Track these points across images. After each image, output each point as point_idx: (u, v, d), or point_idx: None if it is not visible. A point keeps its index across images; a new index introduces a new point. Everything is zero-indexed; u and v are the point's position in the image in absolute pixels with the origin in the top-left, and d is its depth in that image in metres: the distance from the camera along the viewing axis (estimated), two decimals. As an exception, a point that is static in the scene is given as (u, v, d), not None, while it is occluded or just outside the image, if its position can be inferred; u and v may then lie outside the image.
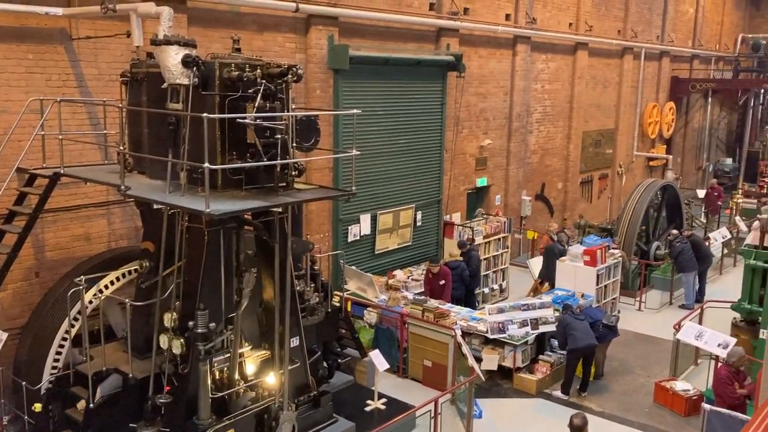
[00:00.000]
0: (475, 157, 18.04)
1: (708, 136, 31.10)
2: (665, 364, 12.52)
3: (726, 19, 31.37)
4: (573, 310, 11.67)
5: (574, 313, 11.54)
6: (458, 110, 16.74)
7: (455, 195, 17.38)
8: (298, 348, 9.03)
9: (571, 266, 14.45)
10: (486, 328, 11.99)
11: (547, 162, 21.08)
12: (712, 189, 24.68)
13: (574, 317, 11.43)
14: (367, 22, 14.32)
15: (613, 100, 23.91)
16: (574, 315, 11.50)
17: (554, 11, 20.13)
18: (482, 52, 17.67)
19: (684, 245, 16.39)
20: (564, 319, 11.50)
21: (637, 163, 25.90)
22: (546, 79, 20.33)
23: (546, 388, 11.76)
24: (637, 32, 24.09)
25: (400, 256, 15.59)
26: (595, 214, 23.53)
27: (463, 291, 14.20)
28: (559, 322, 11.65)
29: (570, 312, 11.58)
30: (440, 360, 11.49)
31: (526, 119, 19.55)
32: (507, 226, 16.91)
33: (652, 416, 10.98)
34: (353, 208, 14.16)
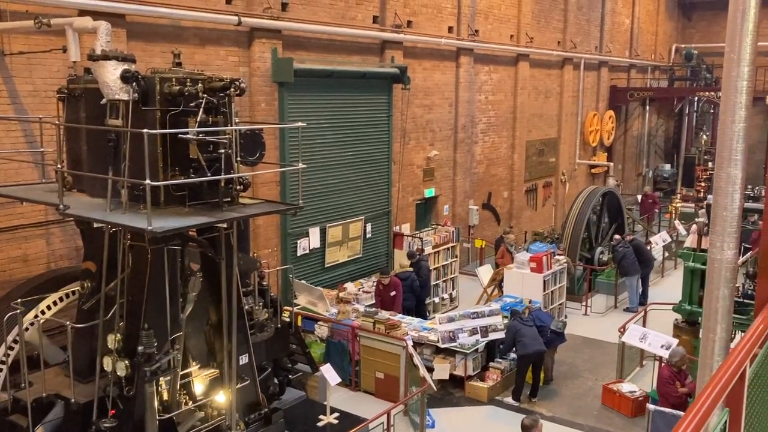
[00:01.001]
0: (423, 168, 18.19)
1: (647, 143, 32.08)
2: (612, 367, 12.80)
3: (660, 30, 32.51)
4: (521, 315, 11.84)
5: (522, 319, 11.70)
6: (405, 122, 16.87)
7: (404, 206, 17.48)
8: (248, 365, 8.90)
9: (518, 273, 14.67)
10: (437, 337, 12.06)
11: (493, 171, 21.40)
12: (646, 196, 25.45)
13: (522, 323, 11.60)
14: (311, 35, 14.34)
15: (554, 109, 24.47)
16: (523, 321, 11.66)
17: (496, 23, 20.52)
18: (426, 65, 17.88)
19: (627, 250, 16.82)
20: (513, 325, 11.66)
21: (580, 170, 26.53)
22: (489, 90, 20.68)
23: (497, 395, 11.88)
24: (576, 43, 24.75)
25: (350, 269, 15.56)
26: (541, 221, 23.98)
27: (413, 301, 14.26)
28: (509, 329, 11.80)
29: (519, 318, 11.74)
30: (392, 371, 11.49)
31: (471, 130, 19.83)
32: (455, 235, 17.09)
33: (600, 418, 11.20)
34: (302, 222, 14.09)
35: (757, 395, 2.41)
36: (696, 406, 1.70)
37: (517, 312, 12.04)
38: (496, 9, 20.47)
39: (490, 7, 20.17)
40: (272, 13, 13.27)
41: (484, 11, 19.92)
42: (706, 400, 1.72)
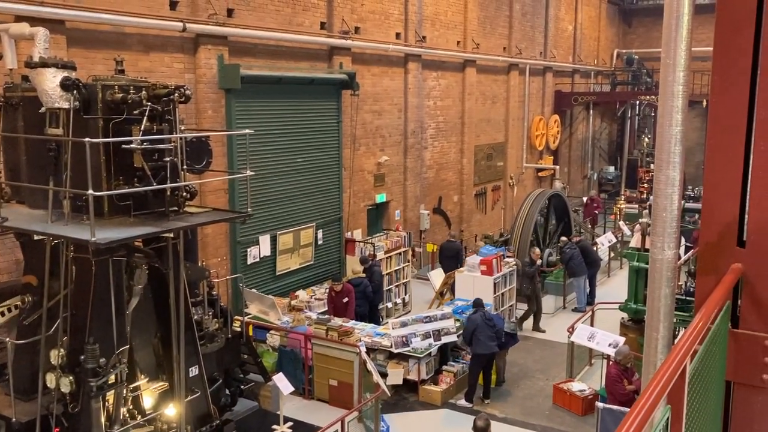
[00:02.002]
0: (374, 173, 18.23)
1: (591, 146, 32.86)
2: (562, 367, 13.02)
3: (602, 36, 33.38)
4: (485, 311, 11.92)
5: (485, 316, 11.77)
6: (354, 128, 16.88)
7: (355, 212, 17.47)
8: (198, 377, 8.74)
9: (469, 276, 14.81)
10: (390, 342, 12.06)
11: (443, 176, 21.59)
12: (591, 200, 26.03)
13: (485, 321, 11.66)
14: (258, 41, 14.22)
15: (501, 114, 24.85)
16: (486, 318, 11.73)
17: (442, 30, 20.73)
18: (375, 70, 17.93)
19: (574, 251, 17.16)
20: (476, 319, 11.68)
21: (527, 174, 26.99)
22: (438, 96, 20.87)
23: (451, 398, 11.96)
24: (521, 49, 25.20)
25: (302, 276, 15.46)
26: (490, 224, 24.29)
27: (366, 307, 14.24)
28: (471, 321, 11.82)
29: (482, 313, 11.79)
30: (346, 378, 11.44)
31: (420, 135, 19.97)
32: (407, 240, 17.16)
33: (552, 418, 11.37)
34: (251, 230, 13.93)
35: (698, 391, 2.48)
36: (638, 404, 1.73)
37: (481, 303, 12.12)
38: (443, 15, 20.69)
39: (436, 13, 20.37)
40: (218, 20, 13.12)
41: (431, 18, 20.11)
42: (648, 398, 1.76)
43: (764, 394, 3.06)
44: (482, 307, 11.96)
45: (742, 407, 3.11)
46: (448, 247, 17.63)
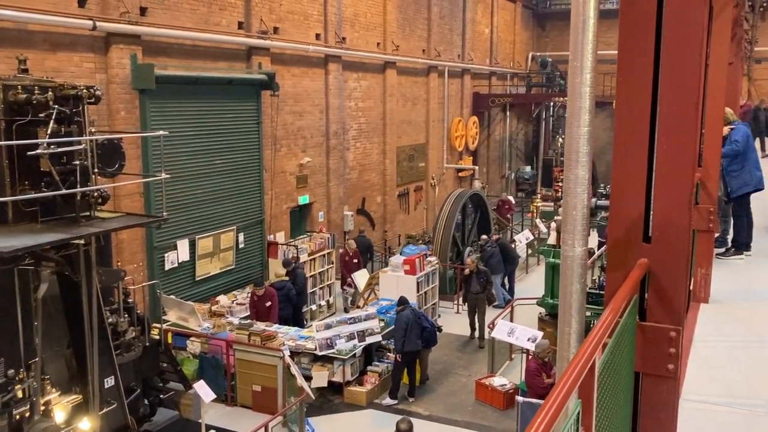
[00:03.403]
0: (296, 175, 18.07)
1: (509, 146, 33.68)
2: (484, 363, 13.27)
3: (517, 39, 34.28)
4: (414, 308, 11.98)
5: (415, 312, 11.84)
6: (275, 129, 16.68)
7: (278, 214, 17.26)
8: (114, 388, 8.41)
9: (393, 276, 14.90)
10: (314, 345, 11.99)
11: (366, 177, 21.64)
12: (503, 202, 26.68)
13: (415, 318, 11.74)
14: (173, 41, 13.84)
15: (422, 116, 25.13)
16: (416, 315, 11.80)
17: (362, 31, 20.78)
18: (295, 71, 17.79)
19: (494, 249, 17.52)
20: (409, 316, 11.73)
21: (448, 174, 27.40)
22: (359, 97, 20.90)
23: (376, 399, 11.99)
24: (440, 51, 25.57)
25: (223, 281, 15.14)
26: (414, 224, 24.54)
27: (290, 311, 14.09)
28: (402, 318, 11.84)
29: (411, 311, 11.85)
30: (269, 383, 11.29)
31: (343, 136, 19.94)
32: (331, 241, 17.09)
33: (474, 413, 11.57)
34: (169, 234, 13.54)
35: (608, 383, 2.56)
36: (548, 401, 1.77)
37: (406, 300, 12.18)
38: (362, 17, 20.74)
39: (356, 15, 20.40)
40: (130, 18, 12.69)
41: (351, 19, 20.12)
42: (558, 394, 1.80)
43: (669, 383, 3.20)
44: (408, 304, 12.04)
45: (650, 396, 3.25)
46: (360, 242, 17.70)
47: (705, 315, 6.31)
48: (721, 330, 6.12)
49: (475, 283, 15.05)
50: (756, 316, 6.52)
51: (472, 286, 15.12)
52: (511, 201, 26.82)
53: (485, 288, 15.06)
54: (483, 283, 15.01)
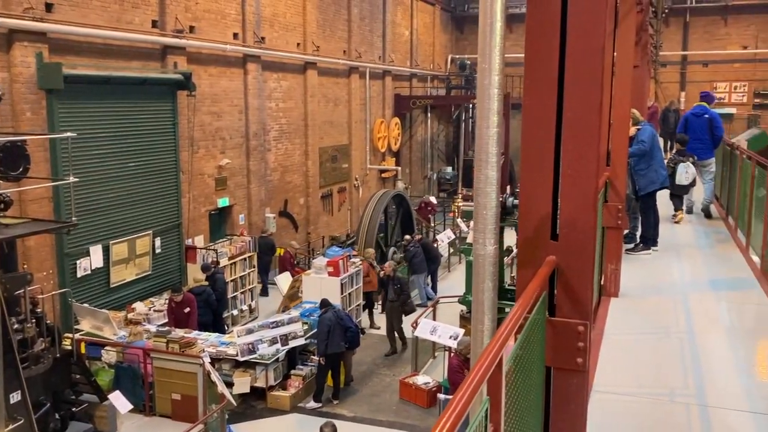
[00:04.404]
0: (215, 177, 17.69)
1: (430, 147, 34.10)
2: (408, 361, 13.37)
3: (437, 41, 34.76)
4: (336, 310, 11.90)
5: (337, 314, 11.77)
6: (192, 130, 16.28)
7: (196, 217, 16.86)
8: (21, 403, 8.00)
9: (316, 278, 14.82)
10: (236, 351, 11.77)
11: (288, 179, 21.42)
12: (425, 204, 27.03)
13: (337, 320, 11.66)
14: (83, 39, 13.30)
15: (344, 117, 25.11)
16: (338, 317, 11.73)
17: (282, 31, 20.58)
18: (213, 71, 17.42)
19: (416, 249, 17.71)
20: (331, 318, 11.65)
21: (371, 175, 27.49)
22: (280, 98, 20.68)
23: (300, 402, 11.88)
24: (361, 53, 25.62)
25: (139, 287, 14.64)
26: (337, 225, 24.48)
27: (210, 316, 13.79)
28: (324, 321, 11.75)
29: (333, 312, 11.77)
30: (189, 391, 10.99)
31: (263, 137, 19.67)
32: (252, 245, 16.83)
33: (398, 412, 11.64)
34: (81, 240, 12.99)
35: (518, 380, 2.61)
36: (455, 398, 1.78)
37: (328, 302, 12.10)
38: (282, 17, 20.54)
39: (275, 15, 20.17)
40: (35, 14, 12.09)
41: (270, 19, 19.89)
42: (465, 391, 1.81)
43: (579, 376, 3.30)
44: (331, 306, 11.99)
45: (560, 390, 3.34)
46: (263, 243, 17.55)
47: (615, 309, 6.57)
48: (630, 323, 6.38)
49: (391, 290, 14.61)
50: (662, 308, 6.84)
51: (389, 293, 14.68)
52: (433, 202, 27.16)
53: (399, 296, 14.46)
54: (397, 291, 14.47)
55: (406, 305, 14.45)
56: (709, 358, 5.50)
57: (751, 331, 6.47)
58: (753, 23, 33.51)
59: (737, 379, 5.11)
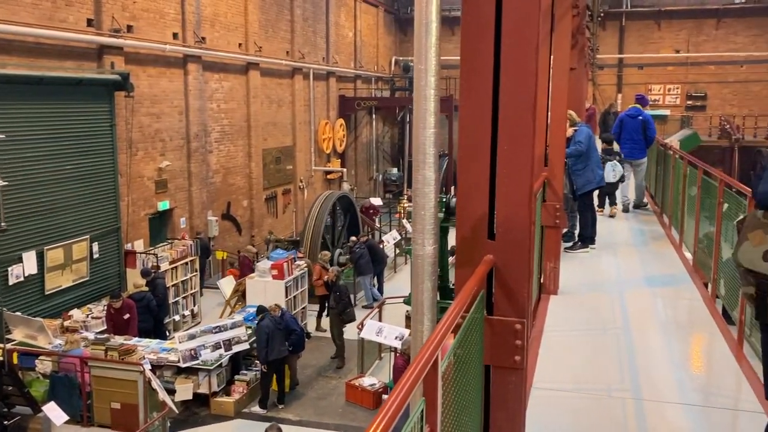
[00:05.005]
0: (154, 179, 17.31)
1: (375, 149, 34.18)
2: (354, 363, 13.34)
3: (380, 43, 34.86)
4: (273, 315, 11.75)
5: (275, 320, 11.62)
6: (131, 131, 15.88)
7: (136, 221, 16.45)
8: (-53, 418, 7.64)
9: (261, 282, 14.65)
10: (178, 357, 11.53)
11: (231, 181, 21.12)
12: (368, 207, 27.07)
13: (275, 326, 11.52)
14: (13, 37, 12.83)
15: (288, 118, 24.92)
16: (276, 323, 11.59)
17: (223, 31, 20.28)
18: (152, 71, 17.04)
19: (362, 250, 17.69)
20: (269, 326, 11.50)
21: (317, 176, 27.37)
22: (221, 99, 20.37)
23: (245, 408, 11.72)
24: (304, 54, 25.47)
25: (76, 294, 14.15)
26: (282, 228, 24.27)
27: (151, 322, 13.46)
28: (262, 329, 11.60)
29: (271, 318, 11.62)
30: (130, 399, 10.69)
31: (204, 139, 19.34)
32: (194, 248, 16.51)
33: (345, 415, 11.60)
34: (12, 246, 12.48)
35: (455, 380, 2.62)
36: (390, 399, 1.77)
37: (265, 309, 11.94)
38: (223, 17, 20.25)
39: (216, 14, 19.87)
40: (-40, 11, 11.61)
41: (210, 18, 19.58)
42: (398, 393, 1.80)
43: (517, 374, 3.33)
44: (268, 311, 11.84)
45: (499, 388, 3.37)
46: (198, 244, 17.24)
47: (554, 306, 6.69)
48: (568, 319, 6.51)
49: (331, 297, 14.34)
50: (600, 305, 7.01)
51: (330, 300, 14.41)
52: (375, 205, 27.16)
53: (338, 303, 14.06)
54: (337, 298, 14.09)
55: (344, 314, 13.99)
56: (644, 353, 5.66)
57: (685, 326, 6.69)
58: (684, 28, 34.79)
59: (671, 373, 5.26)
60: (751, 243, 3.14)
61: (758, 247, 3.09)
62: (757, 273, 3.10)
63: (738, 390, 5.00)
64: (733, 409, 4.81)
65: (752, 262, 3.12)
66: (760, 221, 3.13)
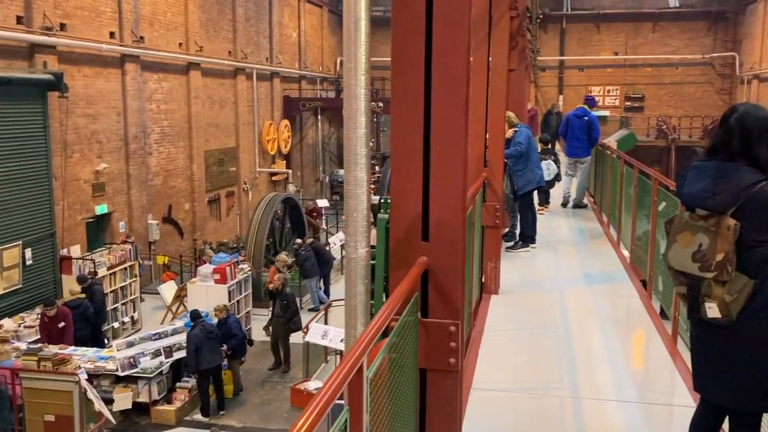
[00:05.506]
0: (91, 182, 16.77)
1: (322, 150, 33.98)
2: (300, 367, 13.18)
3: (325, 44, 34.68)
4: (205, 325, 11.49)
5: (206, 328, 11.38)
6: (65, 133, 15.35)
7: (72, 226, 15.90)
8: None
9: (203, 286, 14.34)
10: (116, 365, 11.18)
11: (172, 183, 20.65)
12: (313, 209, 26.92)
13: (205, 335, 11.27)
14: (-65, 35, 12.24)
15: (231, 119, 24.52)
16: (206, 331, 11.34)
17: (162, 30, 19.82)
18: (87, 71, 16.51)
19: (308, 252, 17.52)
20: (197, 335, 11.25)
21: (261, 178, 27.02)
22: (161, 99, 19.90)
23: (187, 416, 11.45)
24: (247, 54, 25.12)
25: (7, 303, 13.56)
26: (226, 231, 23.86)
27: (88, 330, 13.02)
28: (189, 339, 11.34)
29: (201, 327, 11.37)
30: (65, 411, 10.29)
31: (144, 141, 18.85)
32: (133, 253, 16.06)
33: (290, 420, 11.43)
34: (-63, 254, 11.91)
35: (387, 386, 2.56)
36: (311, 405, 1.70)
37: (198, 315, 11.68)
38: (162, 16, 19.78)
39: (154, 13, 19.40)
40: None
41: (149, 17, 19.10)
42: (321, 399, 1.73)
43: (452, 377, 3.30)
44: (200, 319, 11.57)
45: (435, 391, 3.33)
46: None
47: (495, 306, 6.72)
48: (509, 319, 6.55)
49: (278, 305, 13.69)
50: (540, 303, 7.08)
51: (275, 307, 13.80)
52: (319, 208, 27.00)
53: (285, 312, 13.61)
54: (284, 306, 13.59)
55: (291, 322, 13.58)
56: (583, 351, 5.72)
57: (622, 322, 6.81)
58: (623, 31, 35.74)
59: (609, 370, 5.33)
60: (679, 245, 3.18)
61: (686, 249, 3.13)
62: (687, 273, 3.14)
63: (672, 385, 5.09)
64: (667, 404, 4.89)
65: (682, 263, 3.16)
66: (687, 222, 3.17)
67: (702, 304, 3.11)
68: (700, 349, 3.28)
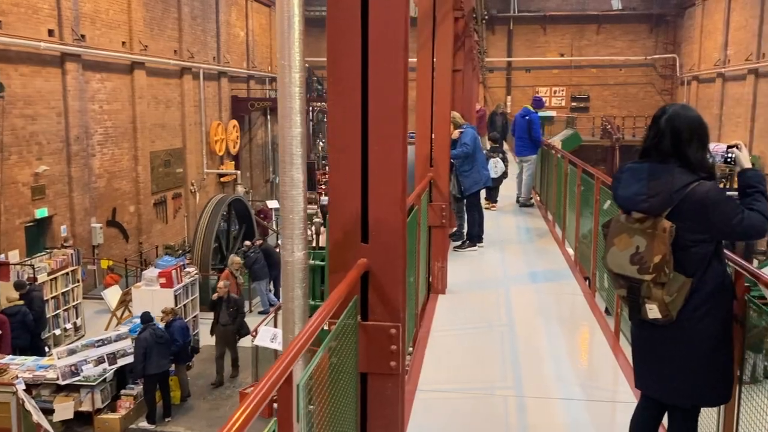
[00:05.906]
0: (30, 185, 16.21)
1: (272, 150, 33.61)
2: (249, 371, 12.97)
3: (274, 43, 34.28)
4: (156, 329, 11.23)
5: (156, 332, 11.12)
6: (1, 135, 14.80)
7: (10, 230, 15.35)
8: None
9: (148, 291, 14.00)
10: (56, 374, 10.80)
11: (116, 185, 20.12)
12: (262, 210, 26.67)
13: (155, 339, 11.01)
14: None
15: (177, 119, 24.04)
16: (156, 336, 11.08)
17: (104, 29, 19.29)
18: (24, 70, 15.95)
19: (257, 255, 17.29)
20: (147, 339, 10.98)
21: (209, 180, 26.57)
22: (104, 99, 19.37)
23: (132, 424, 11.16)
24: (193, 53, 24.67)
25: (-60, 311, 13.03)
26: (173, 234, 23.38)
27: (28, 338, 12.58)
28: (138, 342, 11.06)
29: (152, 331, 11.10)
30: (2, 423, 9.88)
31: (86, 142, 18.32)
32: (76, 257, 15.58)
33: (239, 425, 11.24)
34: None
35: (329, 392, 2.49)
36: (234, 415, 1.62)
37: (149, 318, 11.40)
38: (104, 14, 19.26)
39: (96, 11, 18.87)
40: None
41: (90, 15, 18.57)
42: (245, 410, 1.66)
43: (393, 380, 3.25)
44: (151, 322, 11.32)
45: (376, 395, 3.27)
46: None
47: (442, 306, 6.72)
48: (456, 319, 6.55)
49: (224, 313, 12.90)
50: (486, 302, 7.10)
51: (221, 316, 12.90)
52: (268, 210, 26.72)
53: (234, 319, 13.01)
54: (233, 314, 12.93)
55: (242, 328, 13.11)
56: (528, 349, 5.76)
57: (567, 320, 6.88)
58: (568, 33, 36.44)
59: (553, 368, 5.37)
60: (617, 248, 3.20)
61: (624, 251, 3.15)
62: (627, 276, 3.16)
63: (615, 382, 5.16)
64: (610, 401, 4.95)
65: (621, 266, 3.18)
66: (623, 225, 3.20)
67: (643, 306, 3.14)
68: (642, 348, 3.32)
